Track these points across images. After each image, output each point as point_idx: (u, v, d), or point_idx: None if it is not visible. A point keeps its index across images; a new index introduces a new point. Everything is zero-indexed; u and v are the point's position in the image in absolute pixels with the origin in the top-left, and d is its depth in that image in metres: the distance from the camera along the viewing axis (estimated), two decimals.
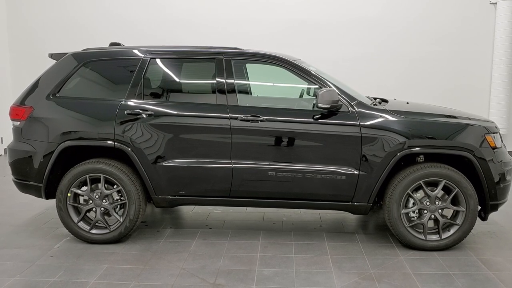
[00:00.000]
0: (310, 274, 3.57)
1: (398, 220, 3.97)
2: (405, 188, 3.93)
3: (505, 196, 4.08)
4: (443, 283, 3.43)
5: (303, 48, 8.23)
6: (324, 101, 3.87)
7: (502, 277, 3.52)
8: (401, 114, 4.02)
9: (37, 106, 4.19)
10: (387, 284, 3.40)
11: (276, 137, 4.03)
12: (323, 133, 3.99)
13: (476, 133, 3.97)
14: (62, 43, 8.39)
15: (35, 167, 4.16)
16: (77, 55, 4.33)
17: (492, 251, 4.07)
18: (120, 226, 4.13)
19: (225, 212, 5.19)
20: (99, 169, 4.08)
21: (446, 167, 3.93)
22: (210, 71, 4.25)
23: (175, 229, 4.66)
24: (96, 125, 4.09)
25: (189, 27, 8.74)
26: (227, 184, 4.09)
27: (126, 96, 4.14)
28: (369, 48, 8.65)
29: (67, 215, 4.14)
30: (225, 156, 4.05)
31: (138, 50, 4.32)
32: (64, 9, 8.99)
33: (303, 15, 8.69)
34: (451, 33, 8.57)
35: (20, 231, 4.60)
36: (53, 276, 3.52)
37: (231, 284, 3.40)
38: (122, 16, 8.88)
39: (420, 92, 8.38)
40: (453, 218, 4.02)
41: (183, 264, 3.76)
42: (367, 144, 3.94)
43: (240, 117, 4.02)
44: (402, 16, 8.61)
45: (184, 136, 4.07)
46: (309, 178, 4.01)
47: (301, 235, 4.44)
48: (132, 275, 3.55)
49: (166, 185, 4.12)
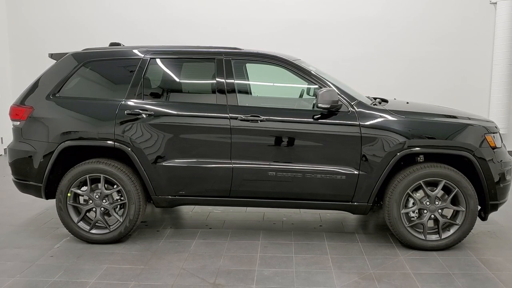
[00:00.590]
0: (310, 274, 3.57)
1: (398, 220, 3.97)
2: (405, 188, 3.93)
3: (505, 196, 4.09)
4: (443, 283, 3.43)
5: (303, 48, 8.22)
6: (324, 101, 3.87)
7: (502, 277, 3.52)
8: (401, 114, 4.02)
9: (37, 106, 4.19)
10: (387, 284, 3.40)
11: (276, 137, 4.03)
12: (323, 133, 3.99)
13: (476, 133, 3.97)
14: (62, 43, 8.39)
15: (35, 167, 4.17)
16: (77, 55, 4.33)
17: (492, 251, 4.07)
18: (120, 226, 4.13)
19: (225, 212, 5.19)
20: (99, 169, 4.08)
21: (446, 167, 3.93)
22: (210, 71, 4.25)
23: (175, 229, 4.66)
24: (96, 125, 4.09)
25: (189, 27, 8.74)
26: (227, 184, 4.09)
27: (126, 96, 4.15)
28: (369, 48, 8.64)
29: (67, 215, 4.15)
30: (225, 156, 4.05)
31: (138, 50, 4.32)
32: (64, 9, 8.99)
33: (303, 15, 8.68)
34: (451, 33, 8.57)
35: (20, 231, 4.60)
36: (53, 276, 3.52)
37: (231, 284, 3.40)
38: (122, 16, 8.87)
39: (420, 92, 8.37)
40: (453, 218, 4.02)
41: (183, 264, 3.76)
42: (367, 144, 3.94)
43: (240, 117, 4.02)
44: (402, 16, 8.61)
45: (184, 136, 4.07)
46: (309, 178, 4.01)
47: (301, 235, 4.44)
48: (132, 275, 3.55)
49: (166, 185, 4.12)
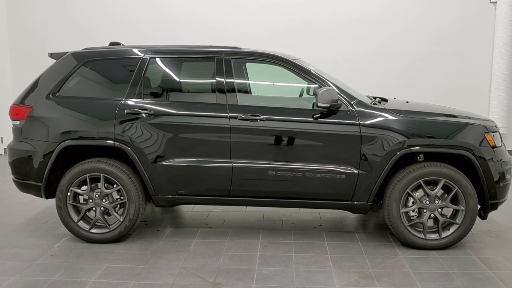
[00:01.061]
0: (310, 273, 3.57)
1: (398, 219, 3.97)
2: (405, 187, 3.93)
3: (505, 195, 4.09)
4: (443, 282, 3.43)
5: (303, 48, 8.21)
6: (324, 100, 3.87)
7: (502, 276, 3.52)
8: (400, 113, 4.02)
9: (37, 105, 4.19)
10: (386, 283, 3.40)
11: (275, 136, 4.03)
12: (323, 132, 3.99)
13: (476, 132, 3.97)
14: (62, 43, 8.39)
15: (35, 166, 4.17)
16: (77, 55, 4.34)
17: (491, 250, 4.07)
18: (120, 226, 4.13)
19: (225, 212, 5.19)
20: (99, 168, 4.08)
21: (445, 166, 3.92)
22: (209, 71, 4.25)
23: (175, 228, 4.66)
24: (96, 124, 4.09)
25: (189, 27, 8.75)
26: (227, 184, 4.09)
27: (125, 95, 4.15)
28: (369, 48, 8.65)
29: (67, 215, 4.15)
30: (225, 155, 4.05)
31: (138, 50, 4.32)
32: (64, 9, 9.00)
33: (303, 15, 8.69)
34: (451, 33, 8.57)
35: (20, 230, 4.60)
36: (53, 275, 3.53)
37: (230, 283, 3.40)
38: (122, 16, 8.88)
39: (420, 92, 8.37)
40: (452, 217, 4.02)
41: (183, 263, 3.76)
42: (366, 143, 3.94)
43: (239, 116, 4.02)
44: (402, 16, 8.62)
45: (184, 136, 4.07)
46: (309, 177, 4.01)
47: (301, 234, 4.44)
48: (132, 274, 3.55)
49: (166, 185, 4.12)
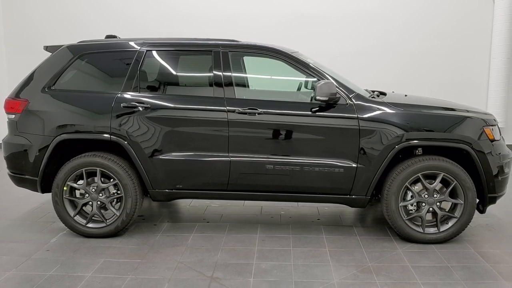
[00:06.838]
0: (308, 267, 3.55)
1: (396, 213, 3.96)
2: (403, 181, 3.91)
3: (504, 189, 4.08)
4: (442, 275, 3.42)
5: (301, 42, 8.16)
6: (322, 94, 3.85)
7: (500, 270, 3.52)
8: (399, 106, 4.00)
9: (33, 99, 4.15)
10: (385, 277, 3.39)
11: (273, 130, 4.01)
12: (321, 126, 3.97)
13: (475, 125, 3.95)
14: (58, 37, 8.27)
15: (31, 160, 4.13)
16: (73, 48, 4.29)
17: (490, 243, 4.06)
18: (116, 220, 4.10)
19: (222, 206, 5.17)
20: (96, 162, 4.05)
21: (444, 160, 3.91)
22: (207, 64, 4.21)
23: (172, 223, 4.64)
24: (92, 118, 4.05)
25: (187, 20, 8.68)
26: (225, 178, 4.06)
27: (122, 89, 4.11)
28: (368, 42, 8.61)
29: (63, 209, 4.12)
30: (222, 149, 4.03)
31: (134, 43, 4.28)
32: (60, 2, 8.91)
33: (301, 8, 8.64)
34: (449, 28, 8.54)
35: (16, 225, 4.57)
36: (50, 270, 3.50)
37: (228, 277, 3.39)
38: (119, 9, 8.80)
39: (418, 86, 8.34)
40: (451, 211, 4.01)
41: (181, 257, 3.75)
42: (365, 137, 3.92)
43: (237, 110, 3.99)
44: (401, 10, 8.57)
45: (181, 129, 4.04)
46: (307, 171, 3.98)
47: (299, 229, 4.42)
48: (129, 269, 3.53)
49: (163, 179, 4.10)
